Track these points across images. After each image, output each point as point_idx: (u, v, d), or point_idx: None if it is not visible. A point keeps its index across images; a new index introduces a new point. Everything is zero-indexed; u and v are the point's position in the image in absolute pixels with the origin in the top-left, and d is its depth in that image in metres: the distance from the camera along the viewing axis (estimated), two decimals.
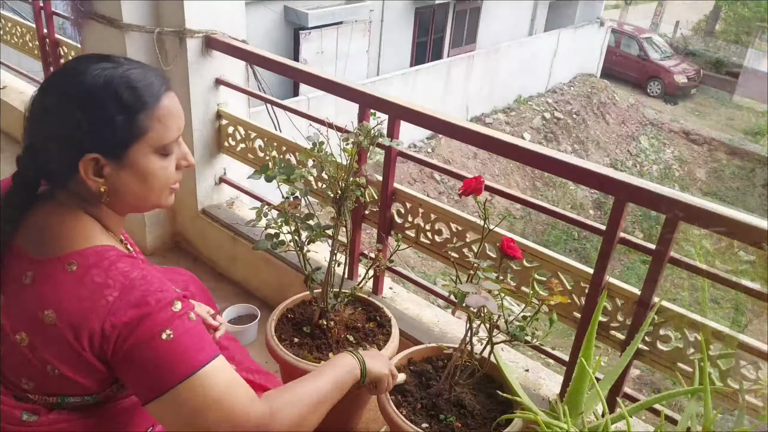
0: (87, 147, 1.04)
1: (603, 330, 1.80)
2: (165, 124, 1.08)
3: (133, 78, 1.06)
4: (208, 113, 2.56)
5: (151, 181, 1.10)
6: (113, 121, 1.03)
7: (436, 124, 1.95)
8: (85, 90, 1.03)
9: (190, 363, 1.02)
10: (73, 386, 1.06)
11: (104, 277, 1.03)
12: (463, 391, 1.64)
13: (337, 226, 1.74)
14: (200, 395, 1.03)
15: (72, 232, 1.08)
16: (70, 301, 1.01)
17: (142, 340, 1.00)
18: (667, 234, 1.57)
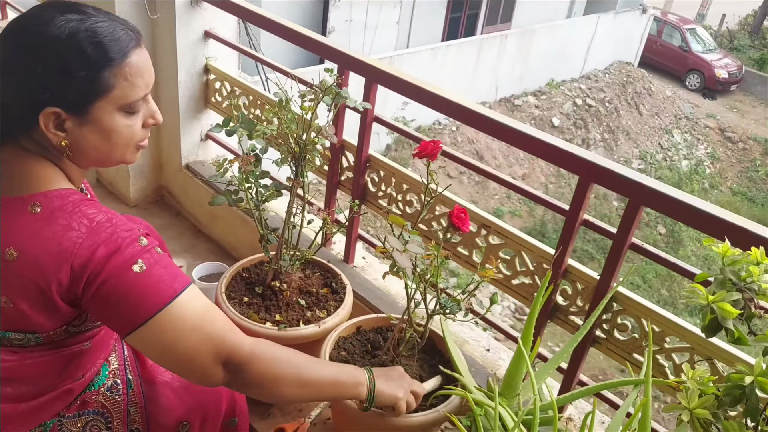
0: (47, 100, 1.01)
1: (561, 314, 1.74)
2: (131, 82, 1.05)
3: (99, 32, 1.01)
4: (196, 66, 2.53)
5: (114, 139, 1.08)
6: (76, 76, 1.00)
7: (413, 92, 1.88)
8: (47, 42, 0.99)
9: (166, 292, 1.04)
10: (23, 322, 1.06)
11: (69, 220, 1.03)
12: (408, 363, 1.60)
13: (294, 185, 1.70)
14: (180, 321, 1.04)
15: (35, 175, 1.06)
16: (35, 243, 1.01)
17: (114, 275, 1.01)
18: (628, 218, 1.50)
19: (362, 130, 2.03)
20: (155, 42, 2.50)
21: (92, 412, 1.23)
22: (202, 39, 2.50)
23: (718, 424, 0.88)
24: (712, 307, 0.84)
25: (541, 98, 14.77)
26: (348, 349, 1.63)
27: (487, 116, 1.66)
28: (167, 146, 2.73)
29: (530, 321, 1.42)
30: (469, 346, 2.02)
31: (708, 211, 1.36)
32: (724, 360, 1.46)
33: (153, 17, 2.40)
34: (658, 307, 1.56)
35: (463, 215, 1.42)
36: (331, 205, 2.18)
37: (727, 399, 0.87)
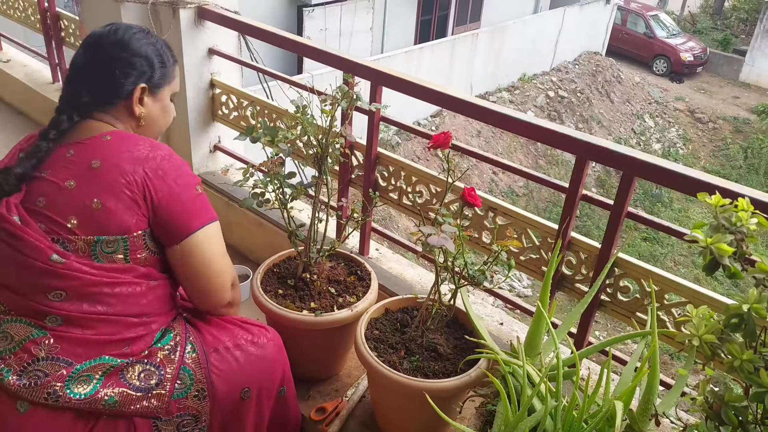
0: (143, 78, 1.45)
1: (568, 283, 1.91)
2: (177, 78, 1.57)
3: (165, 44, 1.53)
4: (202, 82, 2.67)
5: (167, 115, 1.56)
6: (162, 66, 1.49)
7: (414, 89, 2.04)
8: (147, 42, 1.47)
9: (211, 213, 1.43)
10: (111, 221, 1.32)
11: (135, 141, 1.39)
12: (435, 336, 1.76)
13: (318, 184, 1.85)
14: (216, 242, 1.44)
15: (99, 127, 1.42)
16: (113, 153, 1.35)
17: (182, 186, 1.37)
18: (623, 189, 1.68)
19: (371, 130, 2.19)
20: None
21: (152, 363, 1.39)
22: (207, 56, 2.65)
23: (723, 348, 1.05)
24: (710, 248, 1.01)
25: (514, 93, 15.05)
26: (380, 329, 1.78)
27: (491, 109, 1.83)
28: None
29: (545, 286, 1.59)
30: (484, 321, 2.18)
31: (695, 176, 1.54)
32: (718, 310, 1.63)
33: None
34: (656, 268, 1.74)
35: (473, 193, 1.58)
36: (347, 202, 2.33)
37: (729, 326, 1.04)
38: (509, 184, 13.25)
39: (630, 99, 17.05)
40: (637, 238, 12.35)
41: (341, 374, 2.03)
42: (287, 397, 1.67)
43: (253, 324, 1.61)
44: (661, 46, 18.62)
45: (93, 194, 1.31)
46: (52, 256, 1.28)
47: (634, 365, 1.56)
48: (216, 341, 1.50)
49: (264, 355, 1.55)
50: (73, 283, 1.30)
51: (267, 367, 1.57)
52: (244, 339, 1.55)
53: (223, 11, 2.54)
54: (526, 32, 14.81)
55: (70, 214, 1.30)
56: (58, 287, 1.30)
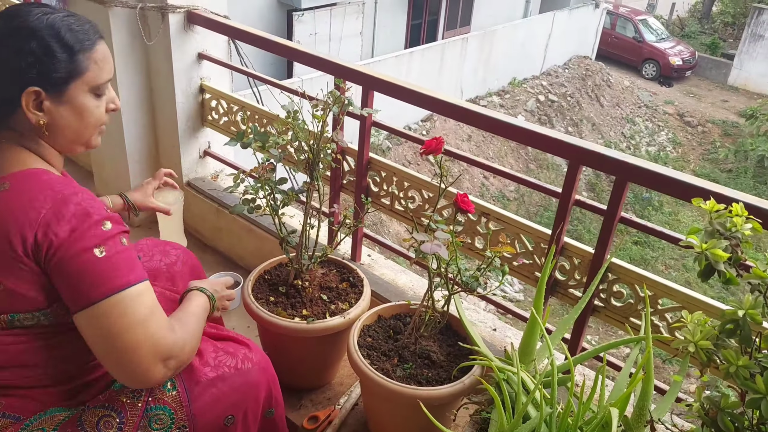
0: (30, 81, 1.13)
1: (561, 288, 1.90)
2: (100, 66, 1.21)
3: (73, 22, 1.18)
4: (191, 87, 2.64)
5: (86, 118, 1.22)
6: (56, 58, 1.14)
7: (406, 94, 2.03)
8: (30, 29, 1.14)
9: (120, 280, 1.12)
10: (19, 300, 1.13)
11: (36, 192, 1.12)
12: (428, 343, 1.74)
13: (310, 190, 1.83)
14: (126, 313, 1.12)
15: (8, 160, 1.17)
16: (4, 216, 1.10)
17: (74, 251, 1.09)
18: (616, 194, 1.67)
19: (362, 135, 2.17)
20: (151, 67, 2.61)
21: (112, 408, 1.28)
22: (196, 61, 2.62)
23: (718, 354, 1.04)
24: (705, 254, 1.00)
25: (505, 97, 15.10)
26: (372, 336, 1.77)
27: (484, 114, 1.82)
28: (167, 165, 2.83)
29: (539, 292, 1.58)
30: (476, 327, 2.17)
31: (688, 181, 1.53)
32: (713, 315, 1.63)
33: (149, 43, 2.51)
34: (649, 273, 1.73)
35: (466, 199, 1.57)
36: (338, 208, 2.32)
37: (724, 332, 1.03)
38: (500, 189, 13.28)
39: (620, 103, 17.15)
40: (628, 242, 12.40)
41: (333, 382, 2.01)
42: (275, 419, 1.61)
43: (239, 344, 1.53)
44: (650, 50, 18.75)
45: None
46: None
47: (628, 371, 1.55)
48: (197, 373, 1.40)
49: (248, 381, 1.47)
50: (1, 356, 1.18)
51: (252, 393, 1.49)
52: (228, 366, 1.45)
53: (212, 16, 2.52)
54: (516, 36, 14.87)
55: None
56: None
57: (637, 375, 1.37)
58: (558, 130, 15.20)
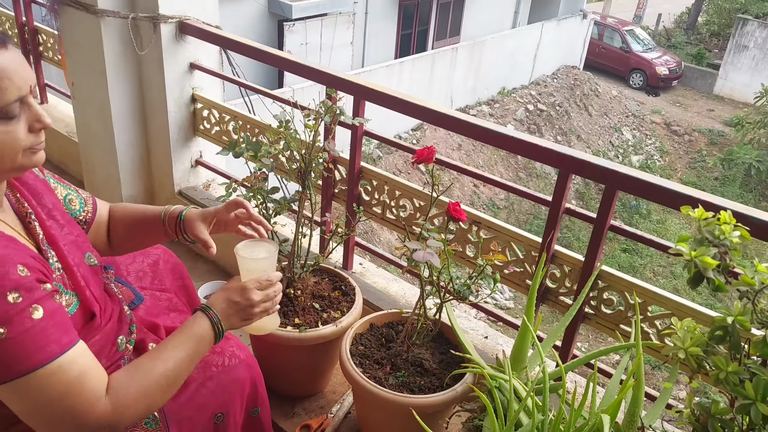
0: None
1: (552, 296, 1.92)
2: (9, 76, 1.02)
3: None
4: (183, 97, 2.65)
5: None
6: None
7: (397, 104, 2.05)
8: None
9: (26, 363, 1.00)
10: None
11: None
12: (421, 351, 1.75)
13: (302, 199, 1.84)
14: (41, 391, 1.02)
15: None
16: None
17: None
18: (605, 203, 1.69)
19: (353, 144, 2.19)
20: (144, 76, 2.62)
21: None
22: (188, 71, 2.63)
23: (708, 360, 1.06)
24: (694, 262, 1.01)
25: (494, 107, 15.20)
26: (365, 344, 1.77)
27: (475, 123, 1.84)
28: (159, 175, 2.83)
29: (531, 300, 1.59)
30: (468, 335, 2.18)
31: (676, 189, 1.56)
32: (702, 322, 1.65)
33: (141, 53, 2.52)
34: (639, 280, 1.75)
35: (458, 208, 1.58)
36: (330, 217, 2.32)
37: (714, 339, 1.05)
38: (490, 197, 13.34)
39: (608, 112, 17.30)
40: (617, 250, 12.49)
41: (326, 391, 2.01)
42: (261, 419, 1.60)
43: (227, 341, 1.49)
44: (637, 61, 18.95)
45: None
46: None
47: (619, 378, 1.57)
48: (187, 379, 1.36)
49: (234, 377, 1.47)
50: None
51: (238, 387, 1.48)
52: (216, 365, 1.44)
53: (204, 26, 2.53)
54: (505, 46, 14.99)
55: None
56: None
57: (627, 381, 1.38)
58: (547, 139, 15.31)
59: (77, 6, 2.45)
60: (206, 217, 1.50)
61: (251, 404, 1.57)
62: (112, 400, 1.09)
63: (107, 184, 2.85)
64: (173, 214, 1.50)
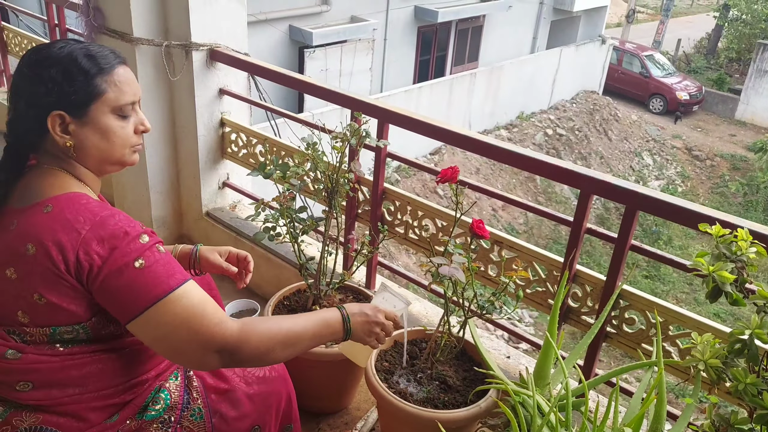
0: (53, 105, 1.21)
1: (574, 315, 1.94)
2: (120, 87, 1.27)
3: (91, 49, 1.26)
4: (212, 121, 2.74)
5: (111, 138, 1.27)
6: (75, 81, 1.22)
7: (420, 127, 2.11)
8: (50, 58, 1.23)
9: (162, 287, 1.18)
10: (61, 313, 1.19)
11: (75, 214, 1.19)
12: (444, 368, 1.78)
13: (329, 218, 1.90)
14: (171, 315, 1.18)
15: (49, 184, 1.24)
16: (48, 235, 1.16)
17: (116, 268, 1.16)
18: (626, 222, 1.72)
19: (377, 165, 2.25)
20: (175, 101, 2.72)
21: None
22: (218, 96, 2.73)
23: (727, 372, 1.09)
24: (713, 276, 1.05)
25: (513, 131, 15.26)
26: (389, 360, 1.81)
27: (497, 145, 1.89)
28: (187, 196, 2.92)
29: (553, 317, 1.62)
30: (490, 355, 2.20)
31: (695, 209, 1.59)
32: (723, 340, 1.66)
33: (173, 79, 2.62)
34: (661, 300, 1.77)
35: (481, 225, 1.63)
36: (354, 236, 2.38)
37: (733, 352, 1.08)
38: (509, 221, 13.34)
39: (627, 137, 17.28)
40: (638, 276, 12.37)
41: (351, 407, 2.05)
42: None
43: None
44: (657, 85, 18.95)
45: (33, 287, 1.17)
46: (6, 353, 1.21)
47: (640, 395, 1.58)
48: (232, 380, 1.48)
49: (271, 390, 1.55)
50: (35, 375, 1.22)
51: (275, 400, 1.56)
52: (254, 376, 1.53)
53: (233, 53, 2.63)
54: (524, 72, 15.10)
55: (18, 308, 1.19)
56: (23, 380, 1.22)
57: (649, 397, 1.40)
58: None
59: (113, 35, 2.57)
60: (220, 251, 1.74)
61: (285, 420, 1.62)
62: (240, 326, 1.25)
63: (137, 205, 2.94)
64: (185, 250, 1.70)
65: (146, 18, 2.52)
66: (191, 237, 3.01)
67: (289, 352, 1.33)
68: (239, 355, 1.24)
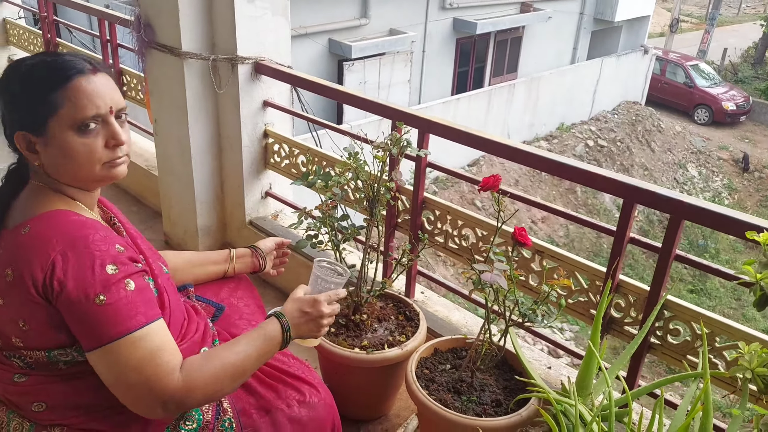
0: (16, 125, 1.19)
1: (617, 326, 1.92)
2: (75, 102, 1.18)
3: (50, 62, 1.20)
4: (256, 132, 2.81)
5: (72, 156, 1.20)
6: (31, 98, 1.18)
7: (461, 137, 2.12)
8: (14, 75, 1.20)
9: (119, 328, 1.14)
10: (46, 338, 1.18)
11: (49, 235, 1.15)
12: (485, 377, 1.79)
13: (370, 226, 1.93)
14: (125, 357, 1.15)
15: (34, 203, 1.22)
16: (22, 256, 1.15)
17: (77, 299, 1.12)
18: (671, 232, 1.70)
19: (417, 175, 2.27)
20: (221, 113, 2.79)
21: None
22: (262, 108, 2.79)
23: None
24: (760, 284, 1.04)
25: (552, 142, 15.11)
26: (429, 368, 1.82)
27: (537, 154, 1.90)
28: (231, 206, 2.99)
29: (596, 327, 1.61)
30: (531, 366, 2.19)
31: (741, 218, 1.56)
32: None
33: (219, 92, 2.70)
34: (707, 311, 1.74)
35: (523, 233, 1.63)
36: (390, 246, 2.40)
37: None
38: (549, 234, 13.19)
39: (671, 148, 16.93)
40: (683, 290, 12.07)
41: (390, 414, 2.06)
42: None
43: (303, 381, 1.56)
44: (701, 96, 18.54)
45: (17, 315, 1.17)
46: (14, 377, 1.23)
47: (685, 408, 1.56)
48: (264, 401, 1.47)
49: (315, 416, 1.51)
50: (44, 396, 1.24)
51: (318, 427, 1.53)
52: (296, 400, 1.50)
53: (277, 66, 2.69)
54: (563, 82, 14.96)
55: (12, 334, 1.19)
56: (35, 401, 1.24)
57: (695, 407, 1.38)
58: None
59: (163, 49, 2.66)
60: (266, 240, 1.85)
61: None
62: (184, 376, 1.20)
63: (183, 215, 3.03)
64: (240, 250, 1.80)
65: (194, 33, 2.61)
66: (234, 245, 3.05)
67: (239, 382, 1.32)
68: (185, 404, 1.22)
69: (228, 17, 2.56)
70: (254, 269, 1.77)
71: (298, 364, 1.63)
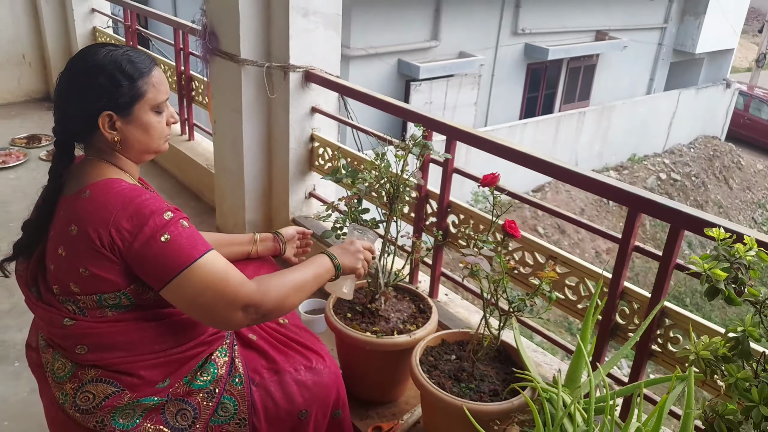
0: (102, 107, 1.40)
1: (621, 332, 1.99)
2: (157, 88, 1.46)
3: (131, 55, 1.44)
4: (303, 136, 3.02)
5: (151, 132, 1.47)
6: (120, 86, 1.40)
7: (489, 146, 2.25)
8: (98, 66, 1.40)
9: (186, 257, 1.36)
10: (103, 282, 1.38)
11: (107, 197, 1.37)
12: (486, 368, 1.89)
13: (389, 220, 2.08)
14: (197, 280, 1.36)
15: (90, 173, 1.44)
16: (86, 216, 1.36)
17: (144, 242, 1.34)
18: (671, 241, 1.77)
19: (444, 179, 2.41)
20: (272, 117, 3.03)
21: (189, 404, 1.51)
22: (309, 113, 3.01)
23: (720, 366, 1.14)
24: (707, 274, 1.12)
25: (623, 173, 14.79)
26: (434, 356, 1.94)
27: (544, 160, 2.00)
28: (277, 203, 3.21)
29: (586, 325, 1.70)
30: (542, 369, 2.27)
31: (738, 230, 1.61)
32: None
33: (272, 97, 2.93)
34: (703, 320, 1.79)
35: (513, 225, 1.74)
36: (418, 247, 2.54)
37: (731, 348, 1.14)
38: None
39: (751, 186, 16.23)
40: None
41: (400, 401, 2.19)
42: (342, 419, 1.80)
43: (312, 351, 1.73)
44: None
45: (79, 263, 1.37)
46: (64, 320, 1.42)
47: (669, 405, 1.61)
48: (275, 364, 1.64)
49: (319, 381, 1.68)
50: (87, 340, 1.43)
51: (322, 391, 1.69)
52: (303, 365, 1.67)
53: (326, 75, 2.90)
54: (637, 113, 14.66)
55: (70, 281, 1.39)
56: (79, 343, 1.43)
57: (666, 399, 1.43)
58: None
59: (224, 56, 2.92)
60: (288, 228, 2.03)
61: (334, 407, 1.77)
62: (257, 283, 1.44)
63: (234, 209, 3.27)
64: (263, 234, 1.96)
65: (252, 42, 2.85)
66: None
67: (301, 297, 1.53)
68: (263, 307, 1.43)
69: (283, 29, 2.80)
70: (275, 252, 1.95)
71: (309, 336, 1.80)
